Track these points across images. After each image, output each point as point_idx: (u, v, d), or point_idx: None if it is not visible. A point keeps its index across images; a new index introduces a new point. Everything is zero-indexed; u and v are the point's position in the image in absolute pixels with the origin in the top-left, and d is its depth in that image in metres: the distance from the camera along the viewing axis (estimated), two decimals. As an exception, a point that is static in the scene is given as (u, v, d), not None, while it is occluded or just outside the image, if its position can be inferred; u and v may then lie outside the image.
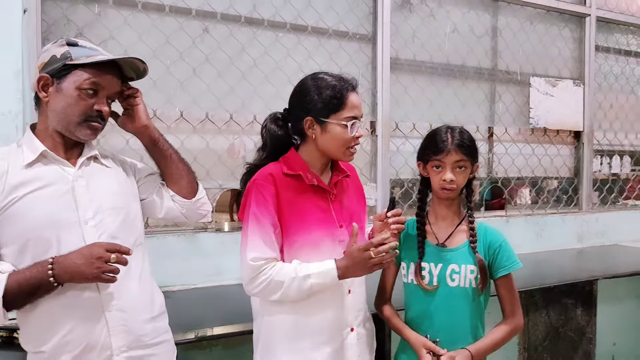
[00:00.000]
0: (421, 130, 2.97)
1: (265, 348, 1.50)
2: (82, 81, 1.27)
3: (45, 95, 1.28)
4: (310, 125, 1.45)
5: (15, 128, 1.92)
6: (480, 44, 3.20)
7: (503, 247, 1.54)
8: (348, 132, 1.43)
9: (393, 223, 1.47)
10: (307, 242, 1.45)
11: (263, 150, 1.55)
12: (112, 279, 1.24)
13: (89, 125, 1.30)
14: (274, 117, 1.54)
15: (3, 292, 1.17)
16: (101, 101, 1.31)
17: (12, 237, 1.24)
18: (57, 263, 1.20)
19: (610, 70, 3.72)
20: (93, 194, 1.32)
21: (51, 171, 1.29)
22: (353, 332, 1.51)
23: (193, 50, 2.38)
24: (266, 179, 1.43)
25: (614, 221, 3.58)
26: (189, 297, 2.17)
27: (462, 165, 1.50)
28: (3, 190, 1.23)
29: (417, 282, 1.54)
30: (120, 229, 1.35)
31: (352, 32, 2.77)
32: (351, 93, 1.45)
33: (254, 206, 1.41)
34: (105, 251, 1.22)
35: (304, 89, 1.47)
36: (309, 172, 1.47)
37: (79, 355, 1.26)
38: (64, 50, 1.28)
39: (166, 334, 1.46)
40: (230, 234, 2.41)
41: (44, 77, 1.27)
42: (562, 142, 3.52)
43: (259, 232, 1.40)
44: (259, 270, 1.39)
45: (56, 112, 1.28)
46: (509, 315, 1.56)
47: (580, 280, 2.52)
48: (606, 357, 3.29)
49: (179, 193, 1.50)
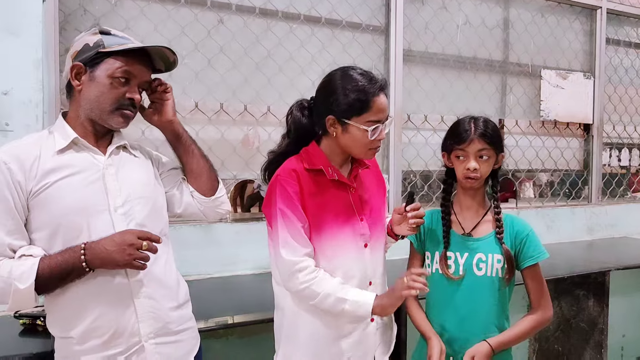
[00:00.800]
0: (433, 122, 2.98)
1: (288, 337, 1.51)
2: (114, 69, 1.28)
3: (79, 84, 1.29)
4: (332, 124, 1.43)
5: (35, 117, 1.94)
6: (492, 36, 3.20)
7: (530, 238, 1.54)
8: (369, 136, 1.41)
9: (412, 217, 1.48)
10: (329, 236, 1.45)
11: (287, 137, 1.54)
12: (143, 266, 1.25)
13: (121, 113, 1.32)
14: (300, 105, 1.52)
15: (35, 275, 1.18)
16: (133, 89, 1.32)
17: (43, 222, 1.25)
18: (89, 249, 1.22)
19: (620, 63, 3.72)
20: (122, 183, 1.33)
21: (82, 158, 1.30)
22: (373, 322, 1.52)
23: (208, 41, 2.38)
24: (290, 175, 1.43)
25: (623, 214, 3.59)
26: (205, 286, 2.18)
27: (486, 155, 1.49)
28: (35, 176, 1.24)
29: (443, 271, 1.54)
30: (148, 218, 1.36)
31: (365, 23, 2.77)
32: (377, 96, 1.40)
33: (280, 202, 1.41)
34: (137, 238, 1.23)
35: (331, 86, 1.44)
36: (329, 167, 1.47)
37: (107, 341, 1.28)
38: (97, 38, 1.28)
39: (190, 322, 1.47)
40: (245, 224, 2.42)
41: (77, 65, 1.28)
42: (571, 135, 3.53)
43: (288, 228, 1.40)
44: (295, 266, 1.39)
45: (89, 101, 1.29)
46: (536, 306, 1.55)
47: (592, 271, 2.53)
48: (616, 348, 3.31)
49: (198, 189, 1.50)
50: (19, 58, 1.92)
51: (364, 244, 1.50)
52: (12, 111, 1.90)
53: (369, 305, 1.40)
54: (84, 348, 1.27)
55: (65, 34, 2.09)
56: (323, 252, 1.45)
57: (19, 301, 1.21)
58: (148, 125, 2.10)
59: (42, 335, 1.62)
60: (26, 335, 1.64)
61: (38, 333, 1.64)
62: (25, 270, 1.19)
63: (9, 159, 1.22)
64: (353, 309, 1.40)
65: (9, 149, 1.26)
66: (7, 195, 1.21)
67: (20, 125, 1.91)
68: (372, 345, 1.53)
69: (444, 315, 1.56)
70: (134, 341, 1.30)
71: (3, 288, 1.19)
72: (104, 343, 1.27)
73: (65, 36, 2.08)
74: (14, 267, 1.19)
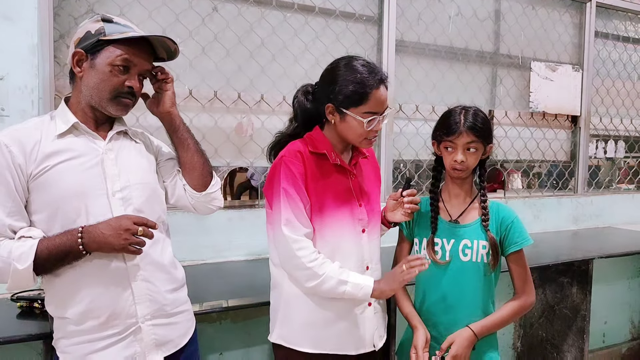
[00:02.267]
0: (424, 112, 3.02)
1: (284, 319, 1.55)
2: (114, 57, 1.29)
3: (80, 71, 1.31)
4: (330, 112, 1.47)
5: (31, 103, 1.94)
6: (483, 28, 3.24)
7: (514, 224, 1.58)
8: (365, 127, 1.44)
9: (407, 203, 1.52)
10: (329, 218, 1.49)
11: (295, 121, 1.57)
12: (138, 251, 1.28)
13: (119, 101, 1.34)
14: (305, 90, 1.56)
15: (34, 257, 1.22)
16: (132, 77, 1.33)
17: (42, 204, 1.28)
18: (87, 232, 1.24)
19: (608, 56, 3.78)
20: (121, 168, 1.36)
21: (81, 143, 1.33)
22: (370, 306, 1.57)
23: (202, 29, 2.39)
24: (295, 156, 1.46)
25: (607, 204, 3.67)
26: (198, 272, 2.21)
27: (473, 147, 1.52)
28: (36, 159, 1.26)
29: (430, 256, 1.58)
30: (146, 204, 1.39)
31: (358, 13, 2.79)
32: (376, 89, 1.44)
33: (285, 182, 1.43)
34: (133, 224, 1.25)
35: (333, 75, 1.47)
36: (332, 152, 1.50)
37: (104, 322, 1.31)
38: (99, 26, 1.30)
39: (186, 304, 1.51)
40: (237, 211, 2.45)
41: (78, 52, 1.30)
42: (559, 127, 3.59)
43: (291, 207, 1.42)
44: (296, 244, 1.42)
45: (89, 88, 1.31)
46: (519, 292, 1.59)
47: (576, 259, 2.60)
48: (597, 334, 3.41)
49: (190, 184, 1.50)
50: (15, 43, 1.92)
51: (362, 229, 1.54)
52: (8, 96, 1.91)
53: (369, 287, 1.45)
54: (81, 328, 1.30)
55: (59, 19, 2.09)
56: (322, 235, 1.48)
57: (18, 281, 1.24)
58: (142, 112, 2.13)
59: (40, 317, 1.65)
60: (24, 317, 1.66)
61: (35, 315, 1.67)
62: (24, 251, 1.22)
63: (10, 142, 1.25)
64: (354, 292, 1.45)
65: (10, 132, 1.29)
66: (8, 177, 1.24)
67: (16, 110, 1.92)
68: (369, 328, 1.57)
69: (431, 299, 1.61)
70: (130, 322, 1.33)
71: (2, 268, 1.22)
72: (101, 324, 1.31)
73: (59, 22, 2.08)
74: (14, 247, 1.22)
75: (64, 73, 2.10)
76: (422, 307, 1.64)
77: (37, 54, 1.95)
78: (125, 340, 1.33)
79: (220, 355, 2.34)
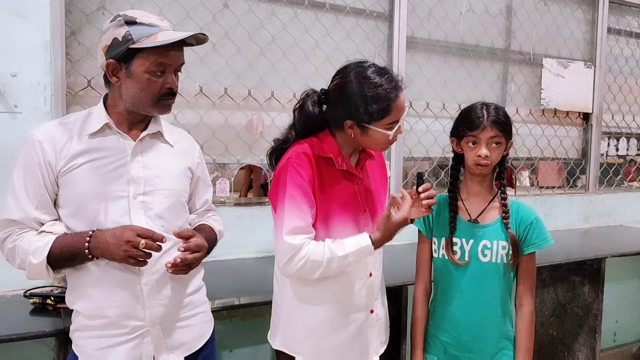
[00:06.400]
0: (434, 109, 3.00)
1: (287, 324, 1.53)
2: (149, 64, 1.27)
3: (117, 80, 1.30)
4: (350, 126, 1.42)
5: (44, 100, 1.94)
6: (495, 24, 3.21)
7: (535, 224, 1.56)
8: (390, 137, 1.42)
9: (425, 198, 1.45)
10: (334, 227, 1.46)
11: (294, 129, 1.50)
12: (140, 263, 1.25)
13: (162, 104, 1.34)
14: (311, 98, 1.49)
15: (47, 253, 1.24)
16: (170, 77, 1.32)
17: (67, 200, 1.30)
18: (94, 237, 1.24)
19: (620, 53, 3.73)
20: (148, 171, 1.34)
21: (111, 143, 1.32)
22: (373, 313, 1.55)
23: (213, 26, 2.38)
24: (302, 159, 1.42)
25: (619, 202, 3.64)
26: (209, 269, 2.19)
27: (497, 142, 1.50)
28: (66, 156, 1.28)
29: (449, 256, 1.56)
30: (168, 211, 1.37)
31: (369, 9, 2.77)
32: (397, 98, 1.39)
33: (291, 186, 1.39)
34: (136, 235, 1.22)
35: (349, 90, 1.40)
36: (339, 156, 1.47)
37: (113, 322, 1.30)
38: (124, 31, 1.25)
39: (203, 306, 1.49)
40: (248, 208, 2.45)
41: (111, 63, 1.28)
42: (571, 124, 3.55)
43: (295, 212, 1.39)
44: (295, 250, 1.38)
45: (130, 96, 1.31)
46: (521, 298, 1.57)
47: (588, 258, 2.58)
48: (608, 333, 3.39)
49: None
50: (27, 40, 1.92)
51: None
52: (20, 93, 1.91)
53: (369, 246, 1.41)
54: (92, 324, 1.31)
55: (71, 16, 2.09)
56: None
57: (33, 273, 1.28)
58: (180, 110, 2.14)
59: (53, 314, 1.66)
60: (36, 314, 1.67)
61: (48, 312, 1.68)
62: (40, 246, 1.24)
63: (44, 138, 1.28)
64: (358, 257, 1.42)
65: (46, 128, 1.31)
66: (38, 173, 1.27)
67: (28, 107, 1.92)
68: (372, 335, 1.56)
69: (450, 300, 1.59)
70: (139, 325, 1.32)
71: (23, 259, 1.27)
72: (111, 323, 1.30)
73: (71, 19, 2.08)
74: (33, 241, 1.25)
75: (75, 70, 2.10)
76: (441, 307, 1.62)
77: (49, 51, 1.95)
78: (133, 341, 1.32)
79: (231, 352, 2.35)
